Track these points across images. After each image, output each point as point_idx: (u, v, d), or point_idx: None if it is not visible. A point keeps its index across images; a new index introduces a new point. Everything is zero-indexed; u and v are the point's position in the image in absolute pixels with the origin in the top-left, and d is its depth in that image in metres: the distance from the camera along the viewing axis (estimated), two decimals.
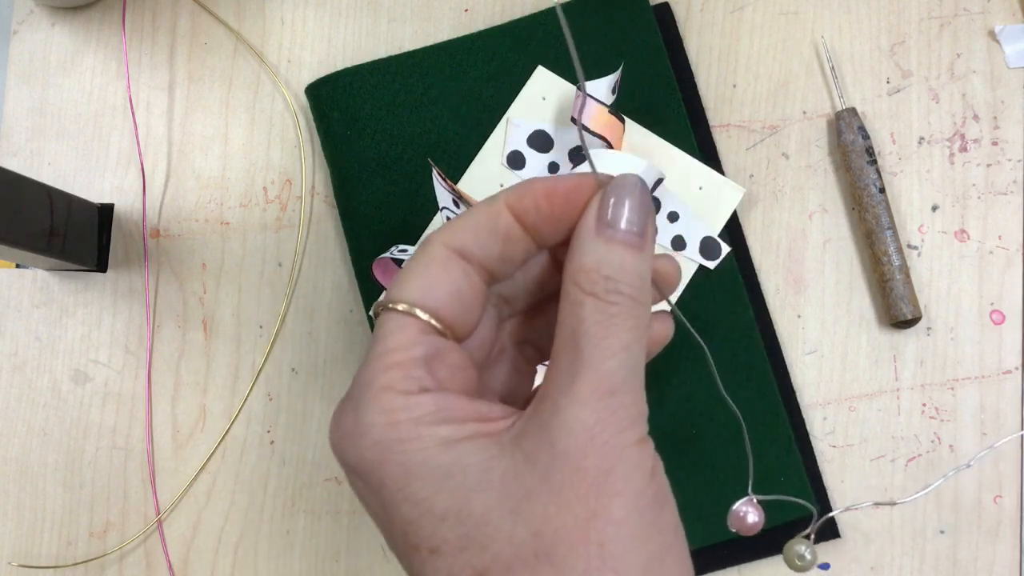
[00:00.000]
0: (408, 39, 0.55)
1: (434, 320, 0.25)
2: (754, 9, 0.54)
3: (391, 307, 0.25)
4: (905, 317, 0.49)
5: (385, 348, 0.24)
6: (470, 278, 0.25)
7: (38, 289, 0.54)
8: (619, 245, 0.25)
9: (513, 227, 0.26)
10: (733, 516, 0.30)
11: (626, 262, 0.24)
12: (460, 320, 0.25)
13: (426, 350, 0.24)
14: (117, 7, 0.56)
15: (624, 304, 0.24)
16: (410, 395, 0.24)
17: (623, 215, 0.25)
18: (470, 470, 0.23)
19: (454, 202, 0.45)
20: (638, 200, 0.25)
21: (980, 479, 0.49)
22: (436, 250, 0.25)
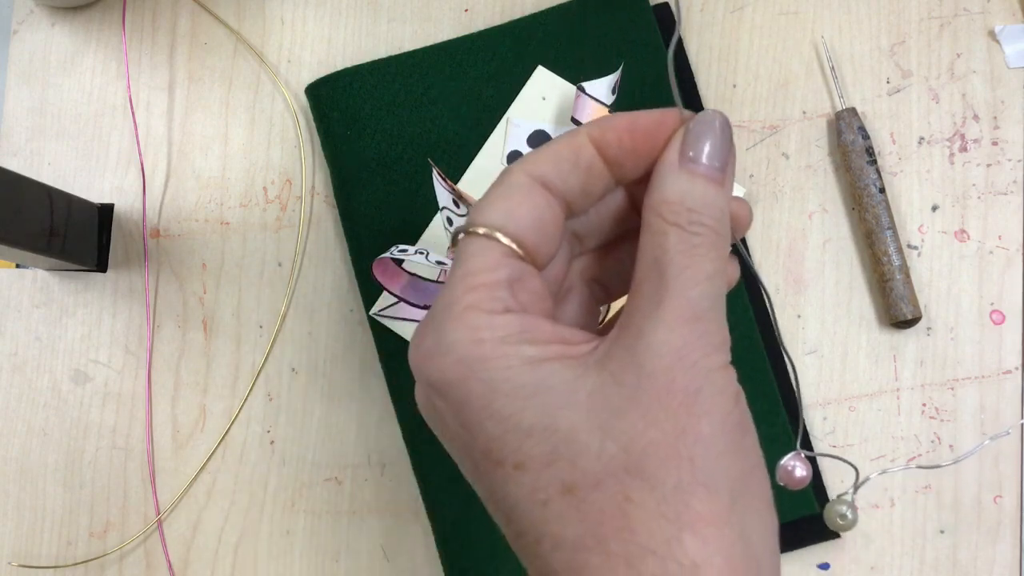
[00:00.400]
0: (408, 39, 0.55)
1: (515, 245, 0.25)
2: (754, 9, 0.54)
3: (472, 231, 0.25)
4: (905, 317, 0.49)
5: (468, 270, 0.25)
6: (551, 207, 0.26)
7: (38, 289, 0.54)
8: (701, 179, 0.25)
9: (595, 160, 0.26)
10: (781, 470, 0.30)
11: (708, 195, 0.25)
12: (541, 247, 0.26)
13: (509, 273, 0.25)
14: (117, 7, 0.56)
15: (707, 235, 0.24)
16: (495, 314, 0.24)
17: (705, 150, 0.25)
18: (556, 388, 0.23)
19: (454, 202, 0.45)
20: (719, 136, 0.25)
21: (980, 479, 0.49)
22: (519, 178, 0.25)
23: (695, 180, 0.25)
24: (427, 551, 0.50)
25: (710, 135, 0.25)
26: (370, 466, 0.51)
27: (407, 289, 0.47)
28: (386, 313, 0.50)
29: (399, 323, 0.50)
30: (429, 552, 0.50)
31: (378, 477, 0.51)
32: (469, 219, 0.25)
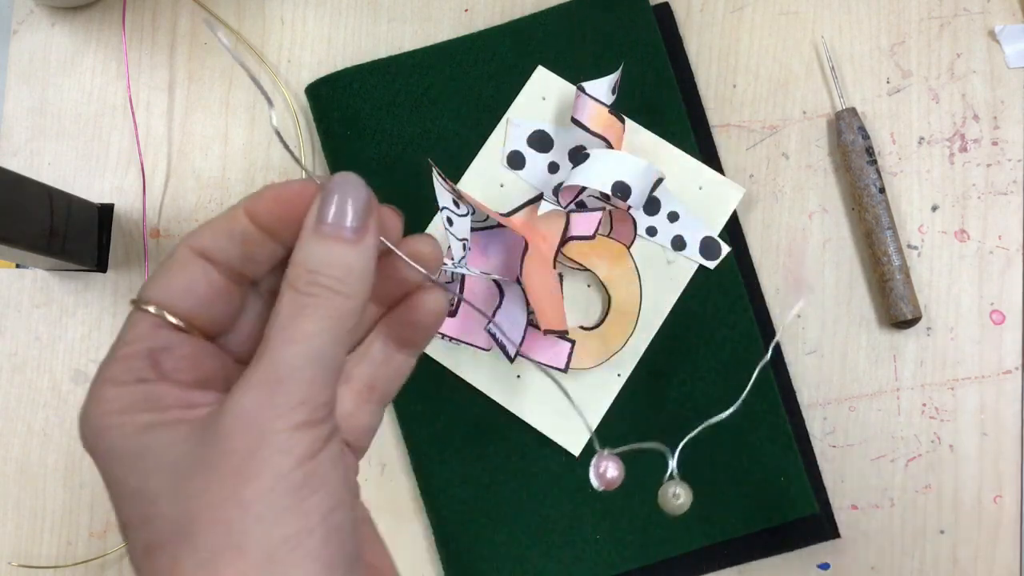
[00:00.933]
0: (408, 39, 0.55)
1: (168, 315, 0.26)
2: (754, 9, 0.54)
3: (131, 303, 0.26)
4: (905, 317, 0.49)
5: (116, 342, 0.26)
6: (209, 275, 0.26)
7: (38, 289, 0.54)
8: (328, 239, 0.25)
9: (250, 229, 0.27)
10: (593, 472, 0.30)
11: (332, 255, 0.25)
12: (199, 314, 0.26)
13: (152, 344, 0.26)
14: (117, 7, 0.56)
15: (321, 294, 0.25)
16: (124, 385, 0.25)
17: (332, 211, 0.25)
18: (155, 452, 0.24)
19: (454, 202, 0.45)
20: (351, 194, 0.26)
21: (980, 479, 0.49)
22: (178, 251, 0.27)
23: (322, 241, 0.25)
24: (427, 551, 0.50)
25: (338, 194, 0.26)
26: (370, 466, 0.51)
27: None
28: None
29: None
30: (429, 552, 0.50)
31: (378, 477, 0.51)
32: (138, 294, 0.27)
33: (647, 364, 0.49)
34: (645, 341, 0.49)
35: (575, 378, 0.49)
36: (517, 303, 0.46)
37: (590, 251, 0.50)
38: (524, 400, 0.49)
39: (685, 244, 0.50)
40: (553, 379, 0.30)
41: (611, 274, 0.50)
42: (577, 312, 0.50)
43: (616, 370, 0.49)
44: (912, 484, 0.49)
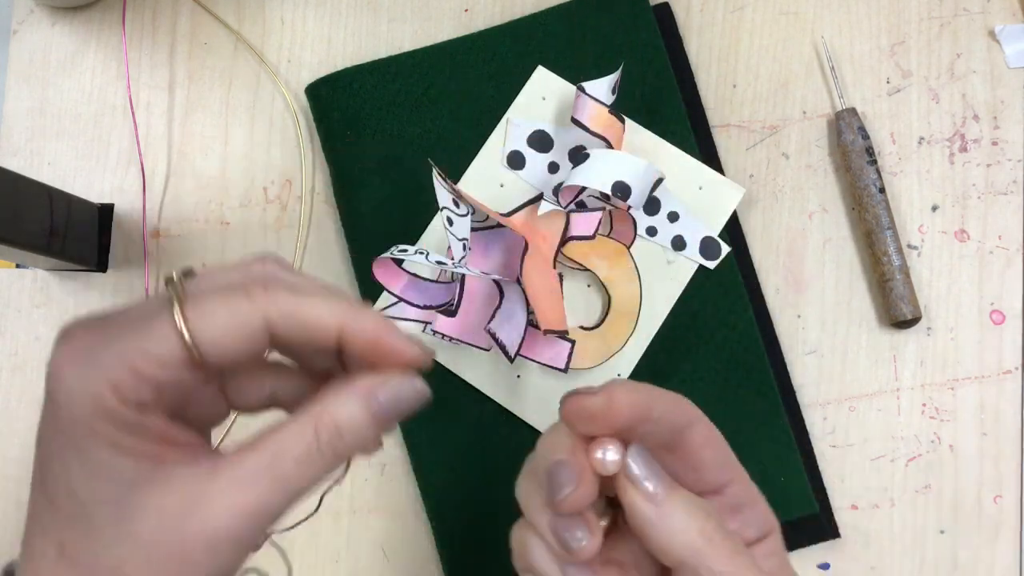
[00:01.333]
0: (408, 39, 0.55)
1: (198, 350, 0.25)
2: (754, 9, 0.54)
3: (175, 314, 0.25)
4: (905, 317, 0.49)
5: (140, 342, 0.25)
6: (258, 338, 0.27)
7: (38, 289, 0.54)
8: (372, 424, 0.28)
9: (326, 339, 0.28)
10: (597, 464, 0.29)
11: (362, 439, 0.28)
12: (223, 362, 0.26)
13: (168, 377, 0.26)
14: (117, 7, 0.56)
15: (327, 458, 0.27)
16: (124, 404, 0.25)
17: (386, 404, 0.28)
18: (110, 469, 0.25)
19: (454, 202, 0.45)
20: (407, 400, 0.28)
21: (980, 479, 0.49)
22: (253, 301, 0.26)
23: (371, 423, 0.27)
24: (427, 551, 0.50)
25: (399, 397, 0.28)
26: (370, 466, 0.51)
27: (407, 289, 0.47)
28: (386, 313, 0.50)
29: (399, 323, 0.50)
30: (429, 552, 0.50)
31: (378, 477, 0.51)
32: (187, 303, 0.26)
33: (647, 364, 0.49)
34: (645, 341, 0.49)
35: (575, 378, 0.49)
36: (517, 303, 0.46)
37: (590, 251, 0.50)
38: (524, 400, 0.49)
39: (685, 244, 0.50)
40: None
41: (611, 274, 0.50)
42: (577, 312, 0.50)
43: (616, 370, 0.49)
44: (912, 484, 0.49)
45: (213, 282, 0.27)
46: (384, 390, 0.27)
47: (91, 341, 0.25)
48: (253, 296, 0.26)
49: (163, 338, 0.25)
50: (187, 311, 0.25)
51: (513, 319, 0.46)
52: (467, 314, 0.47)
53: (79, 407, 0.25)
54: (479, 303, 0.47)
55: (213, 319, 0.25)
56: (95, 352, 0.25)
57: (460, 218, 0.45)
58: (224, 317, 0.25)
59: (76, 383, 0.25)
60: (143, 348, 0.25)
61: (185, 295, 0.26)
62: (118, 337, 0.25)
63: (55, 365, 0.25)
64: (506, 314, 0.46)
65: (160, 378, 0.25)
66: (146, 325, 0.25)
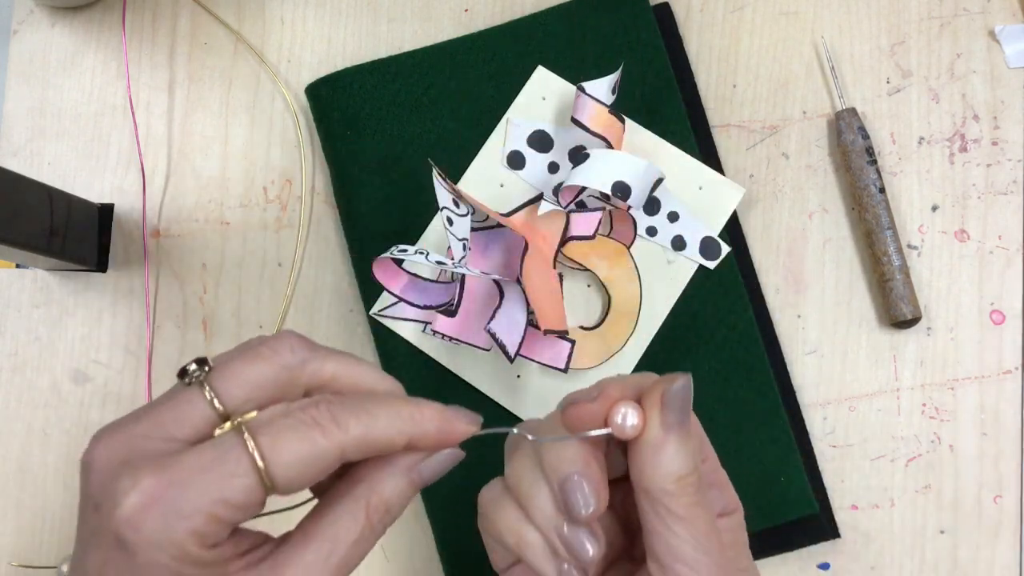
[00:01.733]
0: (408, 39, 0.55)
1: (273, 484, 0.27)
2: (754, 9, 0.54)
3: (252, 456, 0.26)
4: (905, 317, 0.49)
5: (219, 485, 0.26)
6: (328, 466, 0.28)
7: (38, 289, 0.54)
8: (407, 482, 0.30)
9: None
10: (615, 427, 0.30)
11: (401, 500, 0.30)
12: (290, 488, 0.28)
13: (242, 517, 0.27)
14: (117, 7, 0.56)
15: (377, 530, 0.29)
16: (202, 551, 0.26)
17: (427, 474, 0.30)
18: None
19: (454, 202, 0.45)
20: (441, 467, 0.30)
21: (980, 479, 0.49)
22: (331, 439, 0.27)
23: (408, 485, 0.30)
24: (427, 551, 0.50)
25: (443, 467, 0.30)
26: None
27: (407, 289, 0.47)
28: (386, 313, 0.50)
29: (399, 323, 0.50)
30: (429, 552, 0.50)
31: None
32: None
33: (647, 364, 0.49)
34: (645, 341, 0.49)
35: (575, 378, 0.49)
36: (517, 303, 0.46)
37: (590, 251, 0.50)
38: (524, 400, 0.49)
39: (685, 244, 0.50)
40: None
41: (611, 274, 0.50)
42: (577, 312, 0.50)
43: (616, 370, 0.49)
44: (912, 484, 0.49)
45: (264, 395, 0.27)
46: (428, 465, 0.29)
47: (165, 488, 0.25)
48: (328, 432, 0.26)
49: (242, 484, 0.25)
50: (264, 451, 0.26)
51: (513, 319, 0.46)
52: (467, 314, 0.47)
53: (162, 555, 0.25)
54: (479, 303, 0.47)
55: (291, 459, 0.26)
56: (173, 502, 0.25)
57: (460, 218, 0.45)
58: (302, 456, 0.26)
59: (158, 534, 0.25)
60: (223, 496, 0.25)
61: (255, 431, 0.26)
62: (193, 482, 0.25)
63: (131, 513, 0.25)
64: (506, 314, 0.46)
65: (239, 519, 0.26)
66: (223, 470, 0.25)
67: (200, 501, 0.25)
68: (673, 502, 0.29)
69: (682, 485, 0.29)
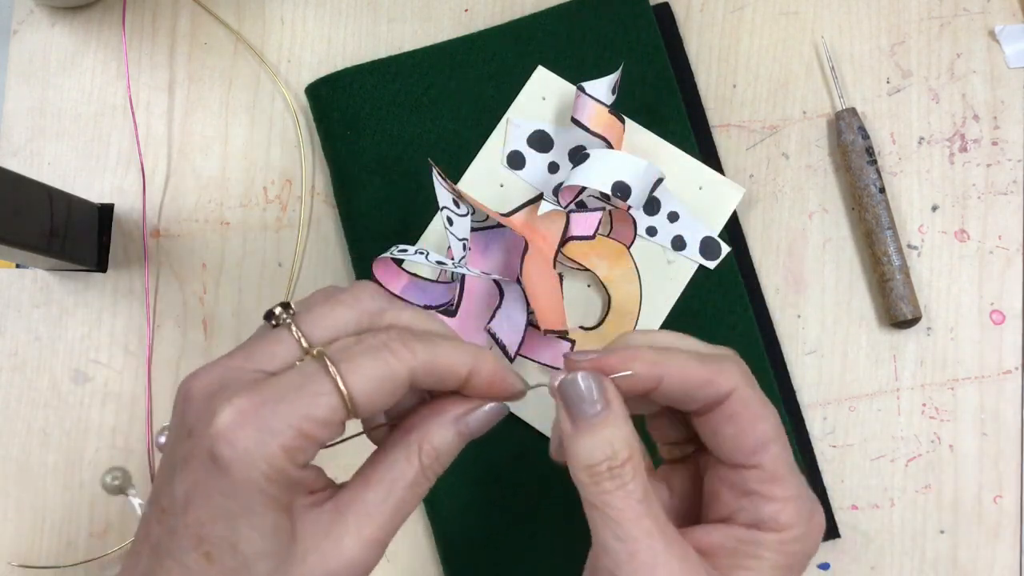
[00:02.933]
0: (408, 39, 0.55)
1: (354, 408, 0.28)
2: (754, 9, 0.54)
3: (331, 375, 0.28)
4: (905, 317, 0.49)
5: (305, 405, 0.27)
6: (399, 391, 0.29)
7: (38, 289, 0.54)
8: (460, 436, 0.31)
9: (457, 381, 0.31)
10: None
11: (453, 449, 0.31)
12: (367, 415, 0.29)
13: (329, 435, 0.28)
14: (117, 7, 0.56)
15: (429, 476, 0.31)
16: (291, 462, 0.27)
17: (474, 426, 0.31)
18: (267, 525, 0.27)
19: (454, 202, 0.45)
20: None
21: (980, 479, 0.49)
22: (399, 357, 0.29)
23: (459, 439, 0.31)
24: (427, 551, 0.50)
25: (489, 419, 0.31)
26: None
27: (407, 289, 0.47)
28: None
29: None
30: (429, 552, 0.50)
31: None
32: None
33: None
34: None
35: None
36: (517, 303, 0.46)
37: (590, 251, 0.50)
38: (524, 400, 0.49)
39: (685, 244, 0.50)
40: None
41: (611, 274, 0.50)
42: (577, 312, 0.50)
43: None
44: (912, 484, 0.49)
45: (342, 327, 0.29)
46: (475, 416, 0.31)
47: (258, 406, 0.27)
48: (398, 354, 0.28)
49: (326, 403, 0.27)
50: (344, 373, 0.27)
51: (513, 319, 0.46)
52: (467, 314, 0.47)
53: (255, 470, 0.26)
54: (479, 303, 0.47)
55: (367, 380, 0.27)
56: (265, 418, 0.26)
57: (460, 218, 0.45)
58: (376, 377, 0.28)
59: (252, 448, 0.26)
60: (310, 413, 0.27)
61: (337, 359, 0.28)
62: (282, 402, 0.27)
63: (226, 428, 0.26)
64: (506, 314, 0.46)
65: (324, 438, 0.27)
66: (308, 389, 0.27)
67: (290, 417, 0.26)
68: (586, 491, 0.29)
69: (592, 474, 0.29)
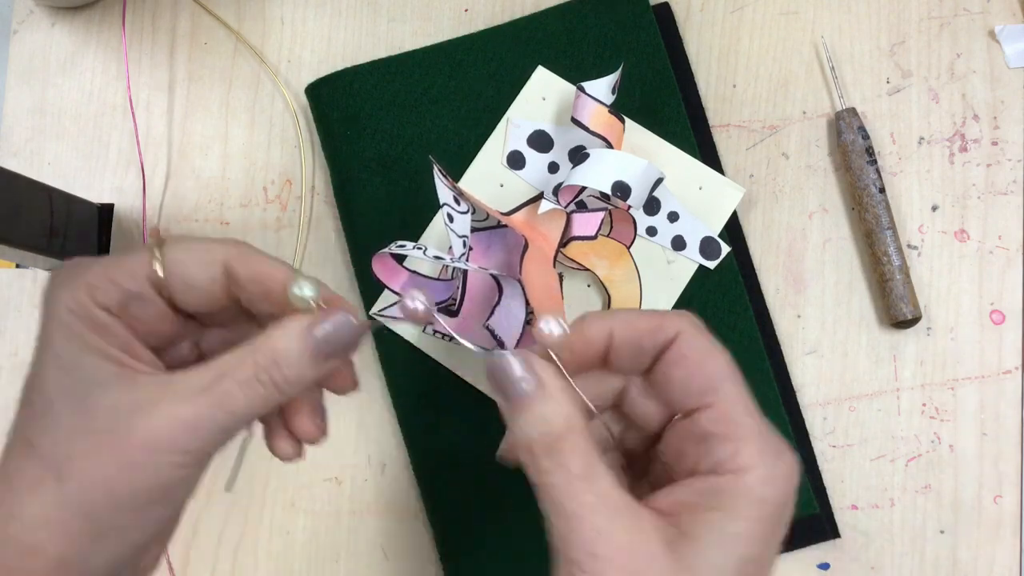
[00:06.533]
0: (408, 39, 0.55)
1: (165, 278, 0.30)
2: (754, 9, 0.54)
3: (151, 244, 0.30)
4: (905, 317, 0.49)
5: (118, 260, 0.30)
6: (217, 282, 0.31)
7: (38, 289, 0.54)
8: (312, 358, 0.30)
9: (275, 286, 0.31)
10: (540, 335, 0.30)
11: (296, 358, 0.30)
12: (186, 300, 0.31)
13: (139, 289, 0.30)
14: (117, 7, 0.56)
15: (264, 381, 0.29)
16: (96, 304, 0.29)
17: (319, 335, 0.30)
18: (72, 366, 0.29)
19: (455, 199, 0.45)
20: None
21: (980, 479, 0.49)
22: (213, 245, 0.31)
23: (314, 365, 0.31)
24: (427, 551, 0.50)
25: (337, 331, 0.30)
26: (370, 466, 0.51)
27: (407, 286, 0.47)
28: (386, 313, 0.50)
29: (399, 323, 0.50)
30: (429, 552, 0.50)
31: (378, 477, 0.51)
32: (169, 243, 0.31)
33: None
34: None
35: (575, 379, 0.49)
36: (516, 299, 0.46)
37: (590, 251, 0.49)
38: None
39: (685, 244, 0.50)
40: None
41: (611, 274, 0.50)
42: (577, 312, 0.50)
43: None
44: (912, 484, 0.49)
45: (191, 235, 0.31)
46: (320, 325, 0.29)
47: (82, 263, 0.30)
48: (222, 243, 0.30)
49: (139, 259, 0.29)
50: (164, 245, 0.30)
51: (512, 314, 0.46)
52: (467, 314, 0.47)
53: (59, 307, 0.28)
54: (479, 303, 0.47)
55: (182, 251, 0.30)
56: (83, 268, 0.29)
57: (460, 215, 0.45)
58: (191, 251, 0.30)
59: (61, 290, 0.29)
60: (120, 263, 0.29)
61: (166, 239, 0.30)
62: (108, 259, 0.30)
63: (50, 281, 0.29)
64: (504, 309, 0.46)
65: (129, 287, 0.29)
66: (128, 253, 0.30)
67: (101, 267, 0.29)
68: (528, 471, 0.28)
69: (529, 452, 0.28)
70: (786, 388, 0.50)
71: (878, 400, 0.50)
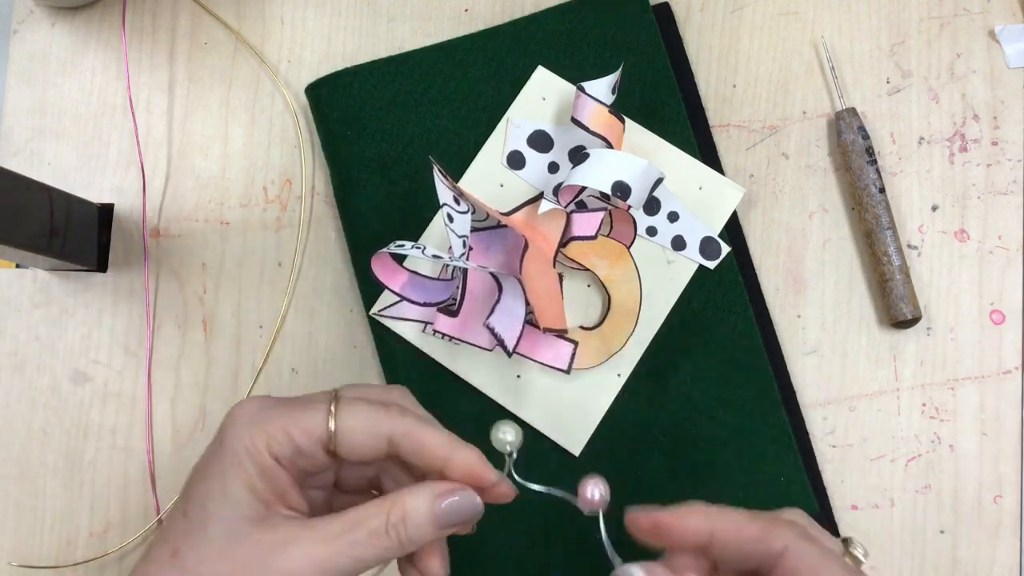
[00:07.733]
0: (408, 39, 0.55)
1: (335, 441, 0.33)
2: (754, 9, 0.54)
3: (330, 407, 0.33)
4: (905, 317, 0.49)
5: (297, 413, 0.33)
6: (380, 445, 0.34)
7: (38, 289, 0.54)
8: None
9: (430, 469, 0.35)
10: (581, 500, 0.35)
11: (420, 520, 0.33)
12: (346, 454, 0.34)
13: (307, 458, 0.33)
14: (117, 7, 0.56)
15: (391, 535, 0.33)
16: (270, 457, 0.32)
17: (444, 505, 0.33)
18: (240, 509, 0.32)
19: (455, 199, 0.45)
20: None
21: (980, 479, 0.49)
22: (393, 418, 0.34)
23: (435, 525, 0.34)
24: None
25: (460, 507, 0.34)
26: None
27: (407, 287, 0.47)
28: (386, 313, 0.50)
29: (399, 323, 0.50)
30: None
31: None
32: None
33: (647, 364, 0.49)
34: (645, 341, 0.49)
35: (575, 378, 0.49)
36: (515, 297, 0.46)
37: (590, 251, 0.50)
38: (524, 400, 0.49)
39: (685, 244, 0.50)
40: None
41: (611, 274, 0.50)
42: (577, 312, 0.50)
43: (616, 370, 0.49)
44: (912, 484, 0.49)
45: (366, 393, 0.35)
46: (449, 498, 0.33)
47: (267, 406, 0.33)
48: (388, 413, 0.34)
49: (315, 419, 0.33)
50: (339, 407, 0.33)
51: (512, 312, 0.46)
52: (467, 314, 0.47)
53: (239, 445, 0.32)
54: (479, 303, 0.47)
55: (355, 418, 0.33)
56: (266, 413, 0.33)
57: (460, 215, 0.45)
58: (363, 420, 0.33)
59: (243, 429, 0.32)
60: (298, 420, 0.33)
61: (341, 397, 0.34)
62: (287, 409, 0.33)
63: (236, 413, 0.33)
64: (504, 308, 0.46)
65: (301, 445, 0.32)
66: (309, 408, 0.33)
67: (283, 417, 0.33)
68: None
69: None
70: (786, 388, 0.50)
71: (878, 400, 0.50)
